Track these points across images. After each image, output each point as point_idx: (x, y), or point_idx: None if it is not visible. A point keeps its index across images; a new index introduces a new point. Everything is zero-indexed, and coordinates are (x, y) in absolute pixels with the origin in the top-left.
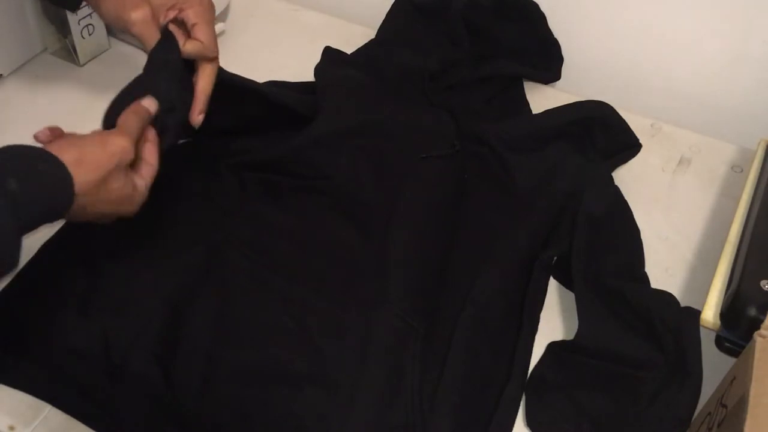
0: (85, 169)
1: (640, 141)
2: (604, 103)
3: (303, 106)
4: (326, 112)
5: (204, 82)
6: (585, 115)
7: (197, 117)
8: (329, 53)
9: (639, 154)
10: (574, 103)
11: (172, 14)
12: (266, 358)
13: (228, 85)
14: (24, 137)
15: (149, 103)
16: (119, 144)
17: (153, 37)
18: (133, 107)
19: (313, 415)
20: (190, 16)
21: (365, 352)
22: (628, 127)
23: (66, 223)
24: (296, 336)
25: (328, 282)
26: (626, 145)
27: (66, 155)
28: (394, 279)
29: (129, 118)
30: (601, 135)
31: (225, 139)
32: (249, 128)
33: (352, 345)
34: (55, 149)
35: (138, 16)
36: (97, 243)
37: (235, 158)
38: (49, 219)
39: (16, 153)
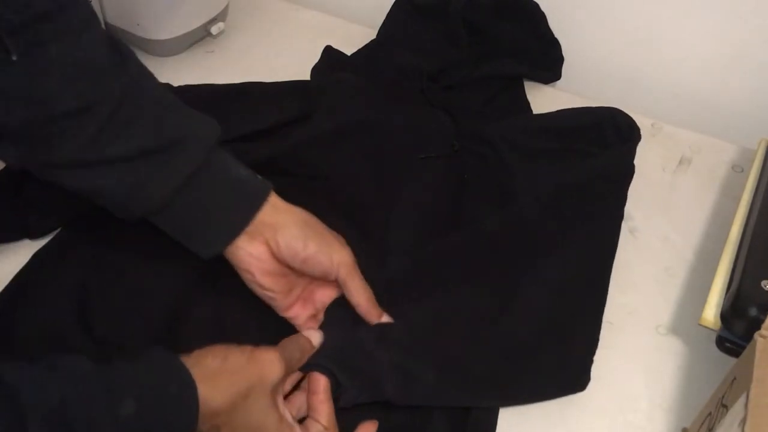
0: (223, 381)
1: (641, 141)
2: (615, 108)
3: (294, 110)
4: (324, 111)
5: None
6: (593, 121)
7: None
8: (329, 53)
9: (639, 154)
10: (582, 108)
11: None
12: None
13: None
14: None
15: (314, 336)
16: (266, 357)
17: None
18: (294, 336)
19: None
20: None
21: None
22: (635, 123)
23: (62, 228)
24: None
25: None
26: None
27: (205, 366)
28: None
29: (287, 343)
30: (612, 135)
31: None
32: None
33: None
34: (198, 355)
35: (352, 258)
36: (94, 247)
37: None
38: None
39: (148, 366)
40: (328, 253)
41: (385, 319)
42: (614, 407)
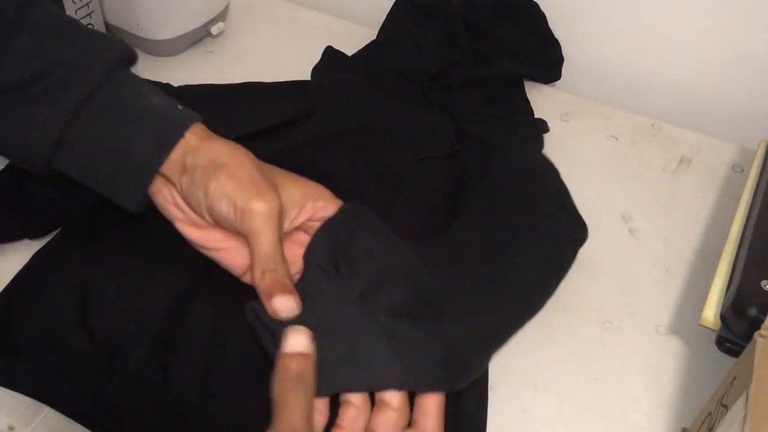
0: None
1: (640, 141)
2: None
3: (294, 110)
4: (324, 111)
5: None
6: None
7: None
8: (329, 54)
9: (639, 154)
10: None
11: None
12: (266, 358)
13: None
14: None
15: (299, 346)
16: None
17: (269, 240)
18: (280, 367)
19: None
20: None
21: None
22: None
23: (62, 228)
24: None
25: None
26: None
27: None
28: None
29: (285, 395)
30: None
31: None
32: (245, 131)
33: None
34: None
35: (263, 207)
36: (94, 247)
37: None
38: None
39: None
40: (235, 199)
41: (284, 302)
42: (614, 407)
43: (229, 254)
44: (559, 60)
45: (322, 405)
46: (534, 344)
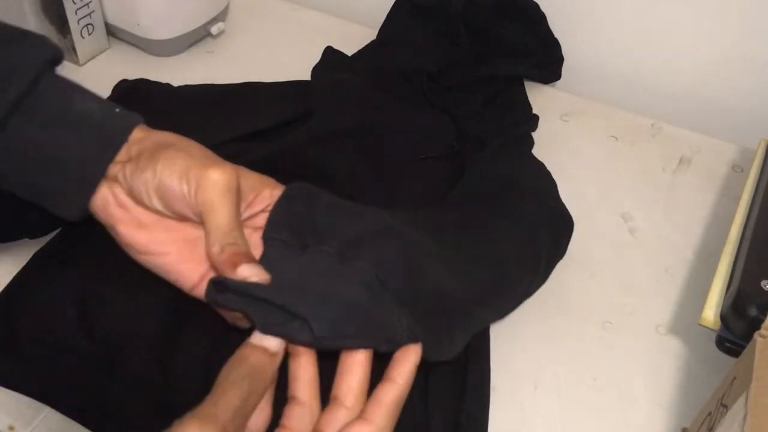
0: None
1: (640, 141)
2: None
3: (294, 110)
4: (324, 111)
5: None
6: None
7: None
8: (329, 54)
9: (639, 154)
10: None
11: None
12: None
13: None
14: None
15: (267, 341)
16: None
17: (227, 213)
18: (238, 355)
19: None
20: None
21: None
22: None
23: (62, 228)
24: None
25: None
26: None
27: None
28: None
29: (226, 386)
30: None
31: (222, 142)
32: (245, 131)
33: None
34: None
35: (221, 177)
36: (95, 247)
37: (232, 160)
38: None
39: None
40: (188, 172)
41: (252, 269)
42: (614, 407)
43: (177, 260)
44: (559, 60)
45: (264, 402)
46: (534, 344)
